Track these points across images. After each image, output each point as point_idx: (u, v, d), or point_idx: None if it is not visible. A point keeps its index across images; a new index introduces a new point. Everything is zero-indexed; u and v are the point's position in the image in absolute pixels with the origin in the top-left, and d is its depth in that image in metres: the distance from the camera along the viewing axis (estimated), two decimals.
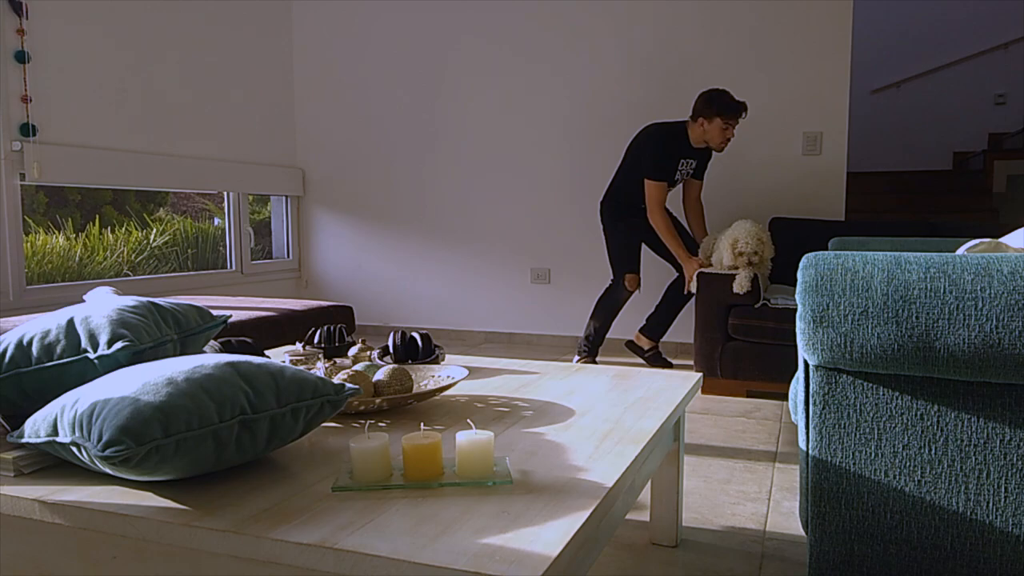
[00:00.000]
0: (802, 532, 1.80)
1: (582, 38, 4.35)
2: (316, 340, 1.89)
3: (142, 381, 1.02)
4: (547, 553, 0.80)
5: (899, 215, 5.23)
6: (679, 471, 1.72)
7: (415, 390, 1.49)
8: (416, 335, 1.78)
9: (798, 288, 1.16)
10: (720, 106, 3.36)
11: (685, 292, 3.58)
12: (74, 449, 1.00)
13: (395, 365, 1.47)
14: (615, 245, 3.67)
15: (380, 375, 1.41)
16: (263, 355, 1.66)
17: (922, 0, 6.21)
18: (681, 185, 3.74)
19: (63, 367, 1.20)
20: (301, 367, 1.26)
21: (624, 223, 3.64)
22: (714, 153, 3.73)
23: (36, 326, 1.25)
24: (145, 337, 1.24)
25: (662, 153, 3.47)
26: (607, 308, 3.70)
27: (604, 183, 4.37)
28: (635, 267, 3.65)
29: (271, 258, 5.13)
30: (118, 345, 1.19)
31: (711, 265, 3.40)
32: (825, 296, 1.13)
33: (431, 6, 4.67)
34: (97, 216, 4.11)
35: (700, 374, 1.73)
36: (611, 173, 4.37)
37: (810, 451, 1.21)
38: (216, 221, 4.80)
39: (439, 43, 4.68)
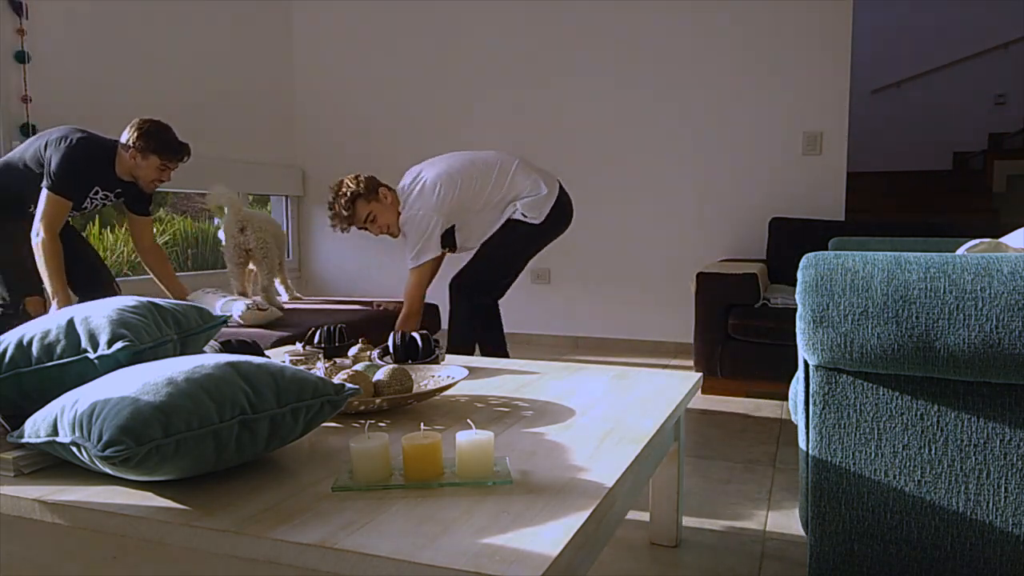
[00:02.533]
0: (802, 532, 1.80)
1: (579, 39, 4.35)
2: (316, 340, 1.89)
3: (142, 381, 1.02)
4: (547, 553, 0.80)
5: (899, 215, 5.22)
6: (679, 471, 1.72)
7: (415, 390, 1.49)
8: (416, 335, 1.78)
9: (798, 288, 1.16)
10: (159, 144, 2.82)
11: None
12: (74, 449, 1.00)
13: (395, 365, 1.47)
14: None
15: (380, 375, 1.41)
16: (263, 355, 1.66)
17: (922, 0, 6.21)
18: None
19: (63, 367, 1.20)
20: (301, 367, 1.26)
21: None
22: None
23: (36, 326, 1.25)
24: (145, 337, 1.24)
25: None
26: None
27: (600, 182, 4.37)
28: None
29: None
30: (118, 345, 1.19)
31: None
32: (825, 296, 1.13)
33: (431, 6, 4.67)
34: (97, 216, 4.11)
35: (700, 374, 1.73)
36: (610, 172, 4.37)
37: (810, 451, 1.21)
38: (216, 221, 4.79)
39: (439, 43, 4.68)
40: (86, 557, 0.99)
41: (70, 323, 1.24)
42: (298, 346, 1.91)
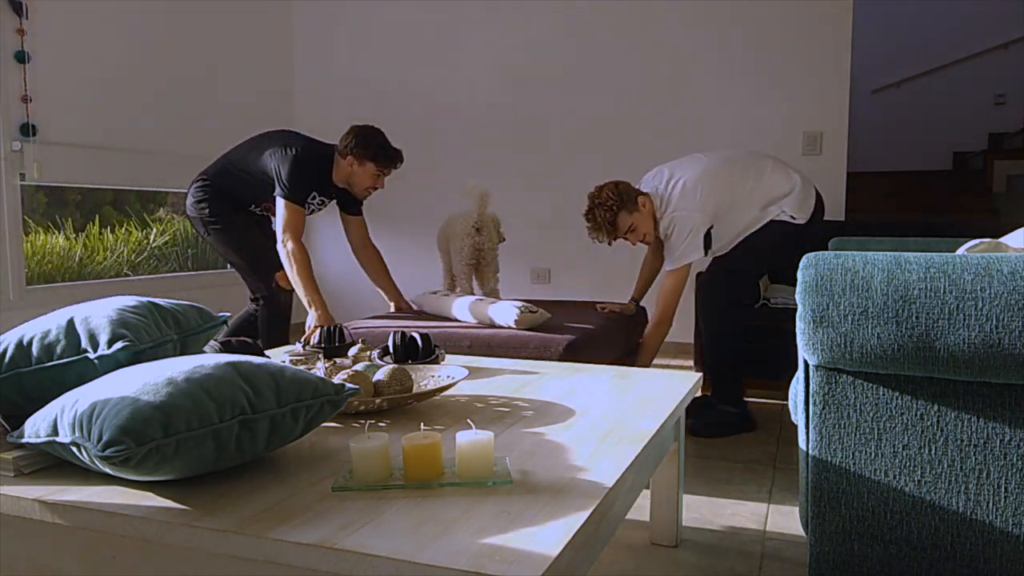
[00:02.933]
0: (802, 532, 1.80)
1: (579, 40, 4.35)
2: (316, 340, 1.89)
3: (142, 381, 1.02)
4: (547, 553, 0.80)
5: (899, 215, 5.22)
6: (679, 471, 1.72)
7: (415, 390, 1.49)
8: (416, 335, 1.78)
9: (798, 288, 1.16)
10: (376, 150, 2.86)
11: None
12: (74, 449, 1.00)
13: (395, 365, 1.47)
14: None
15: (380, 375, 1.41)
16: (263, 355, 1.66)
17: (922, 0, 6.21)
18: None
19: (63, 367, 1.20)
20: (301, 367, 1.26)
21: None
22: None
23: (36, 326, 1.25)
24: (145, 337, 1.24)
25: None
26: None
27: (600, 182, 4.36)
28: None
29: None
30: (118, 345, 1.19)
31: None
32: (825, 296, 1.13)
33: (431, 6, 4.67)
34: (97, 216, 4.11)
35: (700, 374, 1.73)
36: (610, 173, 4.37)
37: (810, 451, 1.21)
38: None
39: (439, 43, 4.68)
40: (86, 557, 0.99)
41: (70, 323, 1.24)
42: (298, 346, 1.91)
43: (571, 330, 2.37)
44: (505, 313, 2.40)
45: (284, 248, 2.75)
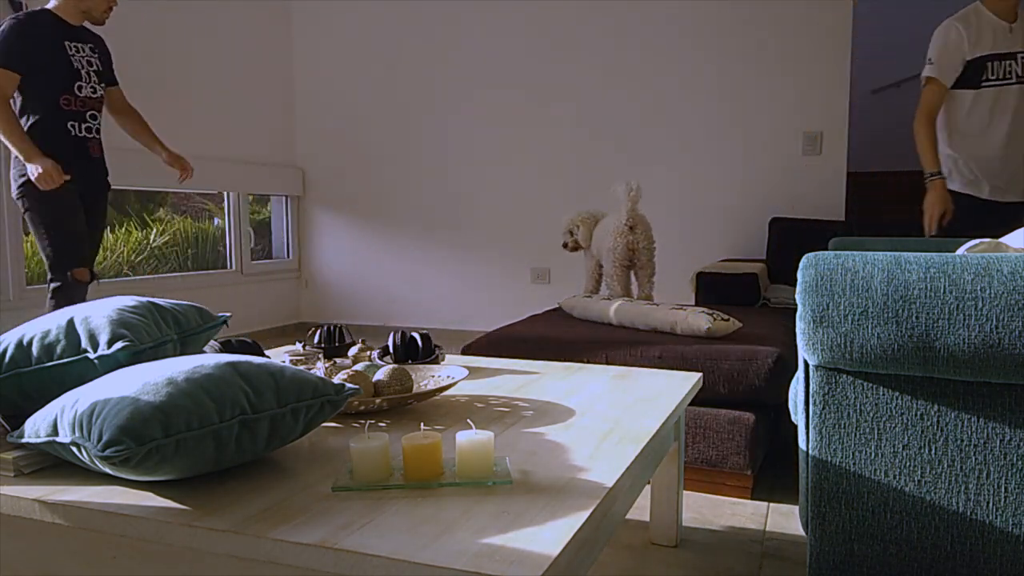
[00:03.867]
0: (802, 532, 1.80)
1: (580, 39, 4.35)
2: (316, 340, 1.89)
3: (142, 381, 1.02)
4: (547, 553, 0.80)
5: (899, 215, 5.21)
6: (679, 471, 1.72)
7: (415, 390, 1.49)
8: (416, 335, 1.78)
9: (798, 288, 1.16)
10: None
11: None
12: (74, 449, 1.00)
13: (395, 365, 1.47)
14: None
15: (380, 375, 1.41)
16: (263, 355, 1.66)
17: (922, 1, 6.20)
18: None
19: (63, 367, 1.20)
20: (301, 367, 1.26)
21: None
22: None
23: (36, 326, 1.25)
24: (145, 337, 1.24)
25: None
26: None
27: (603, 182, 4.37)
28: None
29: (271, 258, 5.13)
30: (118, 345, 1.19)
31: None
32: (825, 296, 1.13)
33: (430, 7, 4.67)
34: None
35: (700, 374, 1.73)
36: (610, 173, 4.37)
37: (810, 451, 1.21)
38: (216, 221, 4.80)
39: (439, 43, 4.68)
40: (86, 557, 0.99)
41: (70, 323, 1.24)
42: (298, 346, 1.91)
43: (769, 340, 2.13)
44: (702, 321, 2.19)
45: None
